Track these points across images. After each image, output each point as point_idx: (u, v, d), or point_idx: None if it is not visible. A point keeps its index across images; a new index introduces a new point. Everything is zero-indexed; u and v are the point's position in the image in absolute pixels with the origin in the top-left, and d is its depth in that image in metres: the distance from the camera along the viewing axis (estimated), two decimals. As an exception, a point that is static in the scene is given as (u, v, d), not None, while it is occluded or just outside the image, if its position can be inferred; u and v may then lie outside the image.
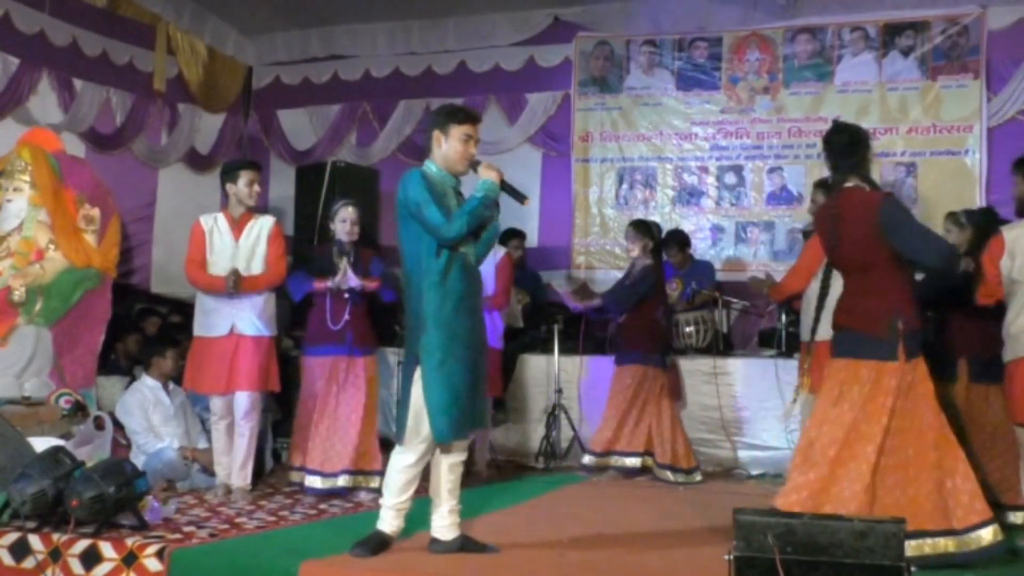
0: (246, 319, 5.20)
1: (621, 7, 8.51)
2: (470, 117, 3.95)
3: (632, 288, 6.18)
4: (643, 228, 6.28)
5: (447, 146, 3.89)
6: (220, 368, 5.16)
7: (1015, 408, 4.26)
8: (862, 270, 3.91)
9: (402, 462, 3.88)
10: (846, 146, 4.02)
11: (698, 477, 6.08)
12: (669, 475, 6.00)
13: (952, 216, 5.17)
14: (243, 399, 5.18)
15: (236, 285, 5.10)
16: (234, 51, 9.30)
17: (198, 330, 5.29)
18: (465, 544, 3.95)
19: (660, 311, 6.22)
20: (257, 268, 5.26)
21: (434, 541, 3.94)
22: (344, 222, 5.48)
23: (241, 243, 5.27)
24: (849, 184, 3.99)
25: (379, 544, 3.85)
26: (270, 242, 5.32)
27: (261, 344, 5.23)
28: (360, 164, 8.73)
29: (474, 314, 3.90)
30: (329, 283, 5.36)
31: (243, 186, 5.26)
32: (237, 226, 5.29)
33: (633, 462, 6.07)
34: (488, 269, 6.00)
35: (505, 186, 3.91)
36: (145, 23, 8.27)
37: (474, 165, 3.94)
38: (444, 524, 3.94)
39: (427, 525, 4.46)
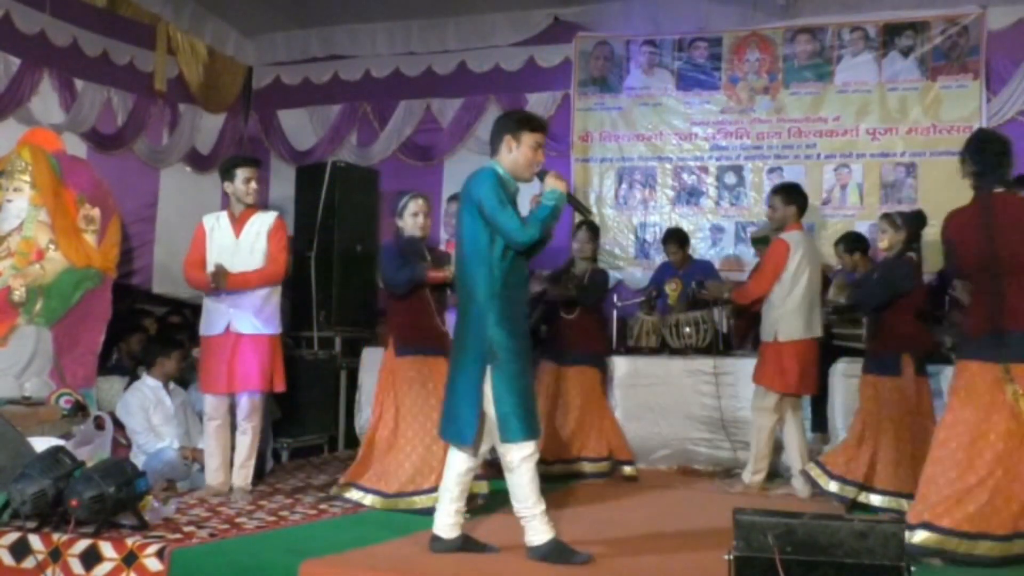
0: (243, 317, 5.14)
1: (621, 7, 8.51)
2: (542, 125, 3.97)
3: None
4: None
5: (518, 152, 3.87)
6: (218, 368, 5.14)
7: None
8: None
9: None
10: (999, 154, 4.14)
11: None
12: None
13: (887, 217, 5.37)
14: (243, 400, 5.16)
15: (218, 280, 5.03)
16: (234, 51, 9.31)
17: (201, 329, 5.28)
18: (466, 543, 3.95)
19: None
20: (257, 265, 5.19)
21: (436, 539, 3.93)
22: (416, 215, 5.10)
23: (241, 240, 5.23)
24: (999, 190, 4.08)
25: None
26: (270, 237, 5.24)
27: (260, 343, 5.17)
28: (360, 164, 8.73)
29: (526, 319, 3.95)
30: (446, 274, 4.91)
31: (240, 183, 5.23)
32: (238, 223, 5.26)
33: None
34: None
35: (571, 198, 3.89)
36: (145, 23, 8.27)
37: (540, 174, 3.92)
38: (449, 523, 3.93)
39: (426, 525, 4.46)
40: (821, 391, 6.01)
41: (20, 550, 3.98)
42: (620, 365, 6.76)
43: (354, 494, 5.00)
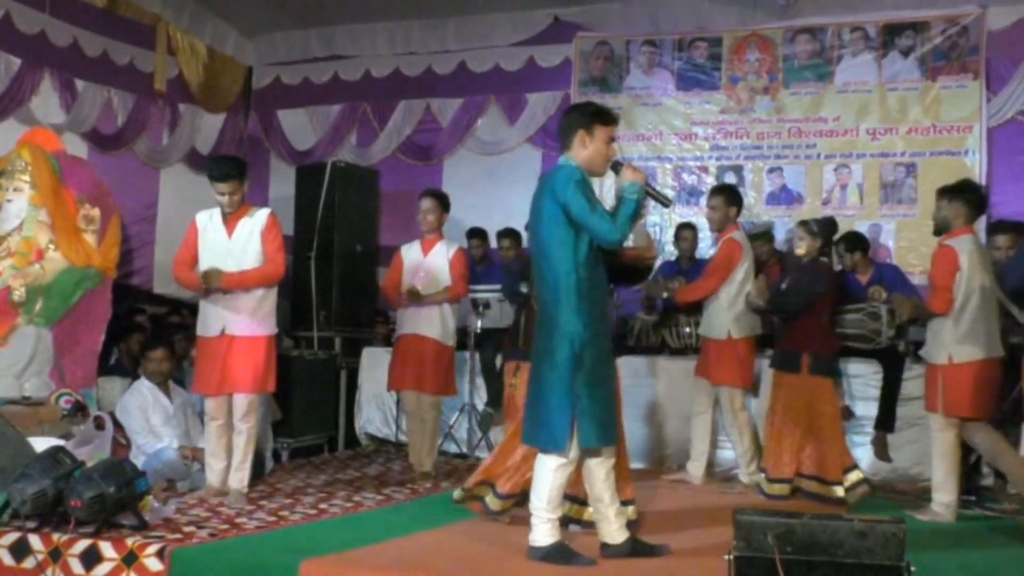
0: (237, 320, 5.06)
1: (621, 7, 8.52)
2: (614, 118, 3.87)
3: None
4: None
5: (592, 148, 3.80)
6: (211, 369, 5.09)
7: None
8: None
9: (557, 464, 3.74)
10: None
11: None
12: None
13: (804, 225, 5.57)
14: (240, 401, 5.13)
15: (209, 281, 4.95)
16: (234, 51, 9.31)
17: (197, 329, 5.24)
18: (636, 547, 3.87)
19: None
20: (250, 265, 5.06)
21: (605, 546, 3.85)
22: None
23: (233, 240, 5.09)
24: None
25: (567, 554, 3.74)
26: (264, 236, 5.08)
27: (256, 345, 5.10)
28: (360, 164, 8.74)
29: (609, 321, 3.99)
30: None
31: (216, 195, 5.07)
32: (230, 223, 5.11)
33: None
34: (440, 262, 6.01)
35: (650, 189, 3.78)
36: (145, 23, 8.28)
37: (615, 167, 3.83)
38: (613, 528, 3.85)
39: (427, 525, 4.46)
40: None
41: (20, 550, 3.97)
42: (620, 365, 6.74)
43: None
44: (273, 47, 9.53)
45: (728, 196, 6.01)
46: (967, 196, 5.08)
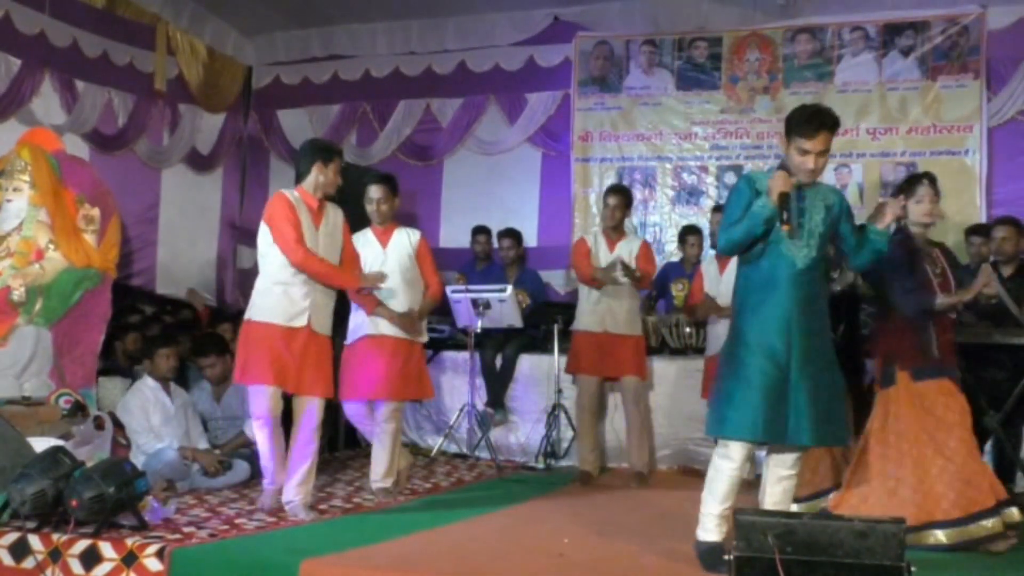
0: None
1: (621, 7, 8.52)
2: (818, 126, 3.77)
3: None
4: None
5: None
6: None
7: None
8: None
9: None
10: None
11: None
12: None
13: None
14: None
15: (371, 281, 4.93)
16: (234, 51, 9.31)
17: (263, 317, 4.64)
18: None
19: None
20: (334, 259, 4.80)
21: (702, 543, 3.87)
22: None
23: (321, 231, 4.73)
24: None
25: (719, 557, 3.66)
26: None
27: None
28: (360, 164, 8.73)
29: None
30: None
31: (333, 174, 4.77)
32: (316, 213, 4.74)
33: None
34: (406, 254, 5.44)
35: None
36: (145, 23, 8.28)
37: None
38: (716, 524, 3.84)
39: (427, 525, 4.46)
40: None
41: (20, 550, 3.98)
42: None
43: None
44: (273, 47, 9.53)
45: (629, 196, 6.33)
46: None
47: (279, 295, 4.59)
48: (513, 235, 7.71)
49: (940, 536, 4.07)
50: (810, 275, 3.75)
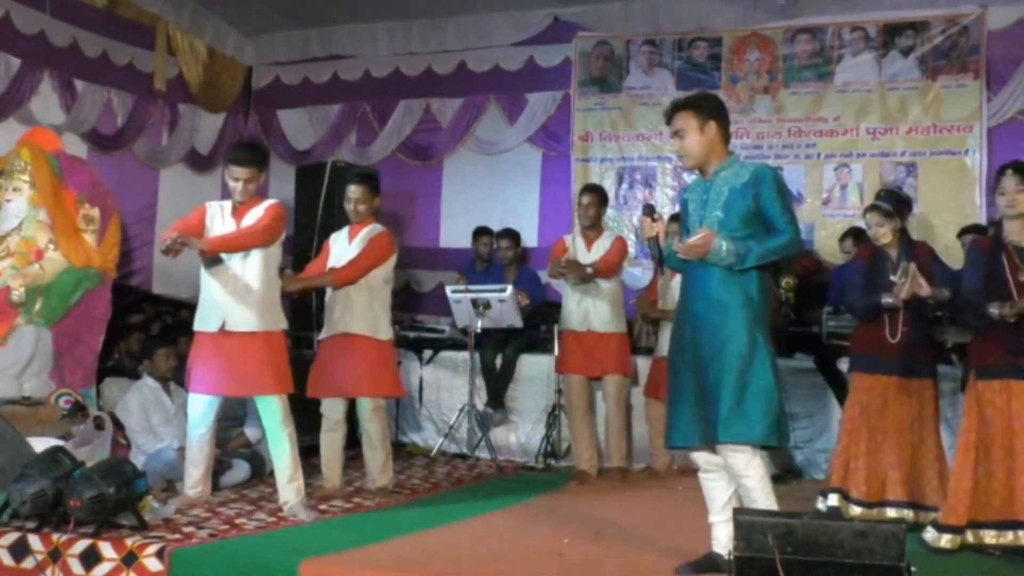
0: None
1: (621, 7, 8.51)
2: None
3: None
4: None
5: None
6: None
7: None
8: None
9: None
10: None
11: None
12: None
13: (876, 209, 5.07)
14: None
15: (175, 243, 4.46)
16: (234, 51, 9.30)
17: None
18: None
19: None
20: (256, 257, 4.77)
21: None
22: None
23: (241, 227, 4.80)
24: None
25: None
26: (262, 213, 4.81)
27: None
28: (360, 164, 8.73)
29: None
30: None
31: (230, 180, 4.83)
32: (238, 213, 4.84)
33: None
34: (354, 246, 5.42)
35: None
36: (145, 23, 8.26)
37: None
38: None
39: (427, 525, 4.47)
40: None
41: (20, 550, 3.98)
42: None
43: None
44: (273, 47, 9.52)
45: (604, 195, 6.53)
46: None
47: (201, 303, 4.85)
48: (512, 235, 7.71)
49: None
50: (715, 269, 3.64)
